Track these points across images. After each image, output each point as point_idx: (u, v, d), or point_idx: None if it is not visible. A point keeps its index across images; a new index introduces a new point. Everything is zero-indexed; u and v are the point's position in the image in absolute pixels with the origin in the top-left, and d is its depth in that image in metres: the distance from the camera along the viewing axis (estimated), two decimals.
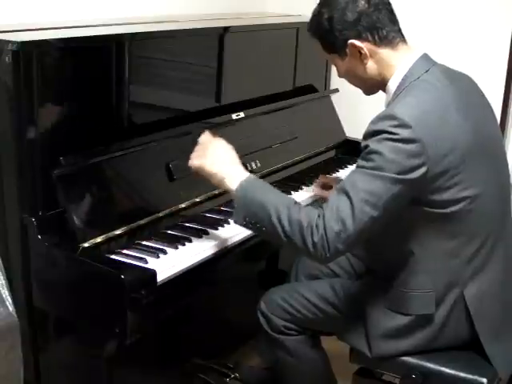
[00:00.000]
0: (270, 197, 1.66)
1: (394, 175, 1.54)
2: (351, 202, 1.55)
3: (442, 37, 2.77)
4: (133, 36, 1.98)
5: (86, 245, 1.69)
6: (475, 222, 1.67)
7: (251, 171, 2.24)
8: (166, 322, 2.02)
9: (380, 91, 1.80)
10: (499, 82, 2.67)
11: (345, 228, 1.55)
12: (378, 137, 1.56)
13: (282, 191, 2.23)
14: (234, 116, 2.28)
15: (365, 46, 1.67)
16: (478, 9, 2.69)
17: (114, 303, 1.58)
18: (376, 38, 1.67)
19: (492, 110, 1.81)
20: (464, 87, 1.73)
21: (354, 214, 1.55)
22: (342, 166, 2.63)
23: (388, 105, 1.72)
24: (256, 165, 2.28)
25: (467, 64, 1.87)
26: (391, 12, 1.70)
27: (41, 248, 1.68)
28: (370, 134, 1.59)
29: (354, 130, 2.88)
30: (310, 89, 2.81)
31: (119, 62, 1.90)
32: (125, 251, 1.75)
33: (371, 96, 1.87)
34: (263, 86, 2.53)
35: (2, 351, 1.56)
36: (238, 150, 2.24)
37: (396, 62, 1.69)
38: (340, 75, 1.83)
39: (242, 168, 1.77)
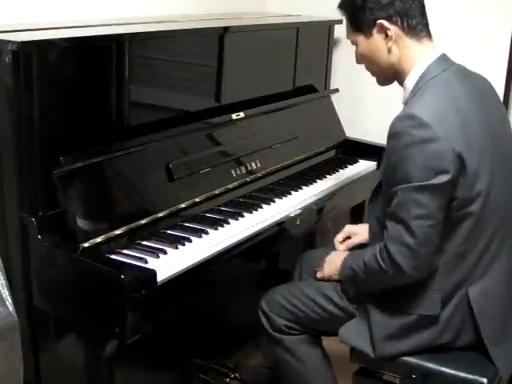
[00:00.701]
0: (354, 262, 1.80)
1: (429, 182, 1.57)
2: (405, 223, 1.60)
3: (443, 36, 2.76)
4: (133, 36, 1.97)
5: (85, 245, 1.69)
6: (484, 224, 1.67)
7: (251, 171, 2.26)
8: (165, 322, 2.02)
9: (379, 90, 1.80)
10: (499, 81, 2.67)
11: (407, 245, 1.61)
12: (401, 141, 1.59)
13: (282, 191, 2.26)
14: (233, 116, 2.28)
15: (393, 30, 1.68)
16: (478, 9, 2.69)
17: (113, 303, 1.58)
18: (405, 24, 1.68)
19: (505, 113, 1.83)
20: (480, 88, 1.75)
21: (411, 232, 1.59)
22: (342, 165, 2.62)
23: (405, 102, 1.74)
24: (256, 165, 2.28)
25: (467, 64, 1.86)
26: (422, 5, 1.72)
27: (41, 248, 1.68)
28: (391, 136, 1.62)
29: (354, 130, 2.88)
30: (310, 89, 2.81)
31: (119, 61, 1.90)
32: (125, 251, 1.75)
33: (371, 96, 1.88)
34: (263, 86, 2.53)
35: (2, 351, 1.55)
36: (238, 150, 2.25)
37: (417, 56, 1.70)
38: (358, 59, 1.81)
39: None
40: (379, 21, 1.68)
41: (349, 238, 2.12)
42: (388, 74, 1.77)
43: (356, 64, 1.87)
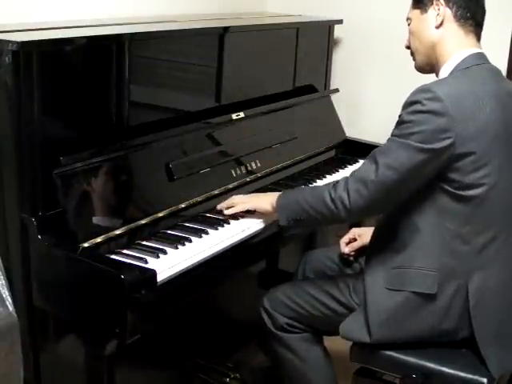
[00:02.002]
0: (300, 192, 1.90)
1: (418, 144, 1.64)
2: (376, 166, 1.69)
3: None
4: (133, 36, 1.97)
5: (85, 245, 1.69)
6: (490, 212, 1.70)
7: (251, 171, 2.26)
8: (166, 321, 2.02)
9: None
10: None
11: (365, 186, 1.69)
12: (411, 107, 1.66)
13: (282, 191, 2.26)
14: (234, 116, 2.28)
15: (445, 11, 1.75)
16: None
17: (114, 303, 1.58)
18: (458, 13, 1.75)
19: None
20: (508, 89, 1.78)
21: (376, 176, 1.68)
22: (342, 165, 2.63)
23: None
24: (256, 165, 2.28)
25: None
26: (483, 7, 1.79)
27: (41, 248, 1.68)
28: (406, 104, 1.69)
29: (354, 130, 2.89)
30: (309, 89, 2.81)
31: (119, 62, 1.90)
32: (125, 251, 1.75)
33: (371, 96, 1.88)
34: (263, 86, 2.53)
35: (2, 351, 1.55)
36: (237, 150, 2.25)
37: (458, 45, 1.75)
38: (408, 39, 1.85)
39: (271, 193, 2.03)
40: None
41: (354, 240, 2.14)
42: (428, 56, 1.80)
43: (356, 64, 1.88)
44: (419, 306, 1.73)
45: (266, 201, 1.95)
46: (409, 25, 1.84)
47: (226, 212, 1.99)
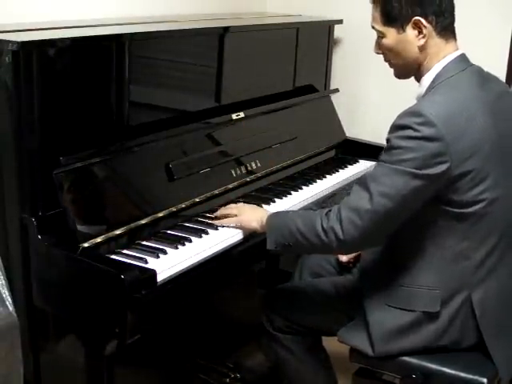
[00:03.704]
0: (291, 216, 1.79)
1: (413, 170, 1.57)
2: (370, 194, 1.60)
3: None
4: (133, 36, 1.97)
5: (85, 245, 1.69)
6: (489, 225, 1.67)
7: (251, 171, 2.26)
8: (165, 322, 2.02)
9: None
10: None
11: (359, 215, 1.61)
12: (402, 132, 1.59)
13: (282, 191, 2.27)
14: (234, 116, 2.28)
15: (427, 28, 1.66)
16: (478, 9, 2.69)
17: (114, 303, 1.58)
18: (438, 25, 1.67)
19: None
20: (497, 91, 1.74)
21: (371, 204, 1.60)
22: (342, 166, 2.63)
23: (418, 99, 1.73)
24: (256, 165, 2.28)
25: None
26: (453, 3, 1.71)
27: (41, 248, 1.68)
28: (394, 128, 1.62)
29: (354, 130, 2.89)
30: (309, 89, 2.81)
31: (119, 61, 1.90)
32: (125, 251, 1.75)
33: (371, 96, 1.87)
34: (263, 86, 2.53)
35: (2, 351, 1.56)
36: (238, 150, 2.25)
37: (441, 55, 1.69)
38: (380, 49, 1.77)
39: (264, 210, 1.96)
40: (416, 17, 1.66)
41: None
42: (409, 69, 1.75)
43: (356, 64, 1.87)
44: (422, 323, 1.72)
45: (255, 220, 1.87)
46: (380, 38, 1.74)
47: (217, 223, 1.94)
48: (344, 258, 2.11)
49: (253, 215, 1.90)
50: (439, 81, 1.67)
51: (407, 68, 1.75)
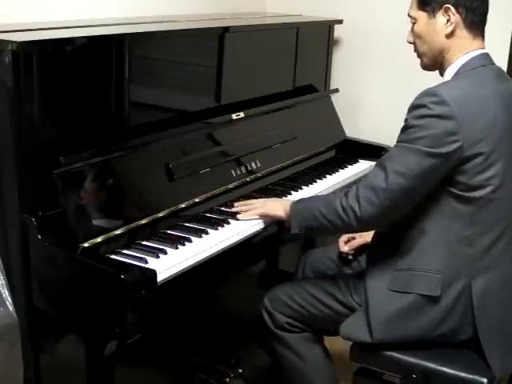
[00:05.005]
0: (313, 200, 1.89)
1: (426, 148, 1.63)
2: (386, 173, 1.68)
3: None
4: (133, 36, 1.98)
5: (85, 245, 1.69)
6: (495, 212, 1.70)
7: (251, 171, 2.26)
8: (165, 321, 2.02)
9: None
10: None
11: (375, 193, 1.68)
12: (417, 112, 1.65)
13: (282, 191, 2.27)
14: (233, 116, 2.28)
15: (456, 18, 1.72)
16: None
17: (114, 303, 1.58)
18: (468, 18, 1.73)
19: None
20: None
21: (386, 183, 1.67)
22: (342, 166, 2.63)
23: None
24: (256, 165, 2.28)
25: None
26: (487, 8, 1.77)
27: (41, 248, 1.68)
28: (411, 108, 1.68)
29: (354, 130, 2.88)
30: (309, 89, 2.81)
31: (119, 61, 1.90)
32: (125, 251, 1.75)
33: (371, 96, 1.87)
34: (263, 86, 2.53)
35: (2, 351, 1.56)
36: (238, 150, 2.25)
37: (466, 49, 1.74)
38: (411, 37, 1.82)
39: (287, 199, 2.11)
40: (447, 5, 1.72)
41: (353, 238, 2.13)
42: (435, 59, 1.80)
43: (356, 64, 1.87)
44: (422, 307, 1.73)
45: (280, 207, 1.95)
46: (413, 24, 1.81)
47: (240, 216, 1.99)
48: (345, 248, 2.13)
49: (277, 204, 1.99)
50: (459, 73, 1.73)
51: (433, 57, 1.79)
